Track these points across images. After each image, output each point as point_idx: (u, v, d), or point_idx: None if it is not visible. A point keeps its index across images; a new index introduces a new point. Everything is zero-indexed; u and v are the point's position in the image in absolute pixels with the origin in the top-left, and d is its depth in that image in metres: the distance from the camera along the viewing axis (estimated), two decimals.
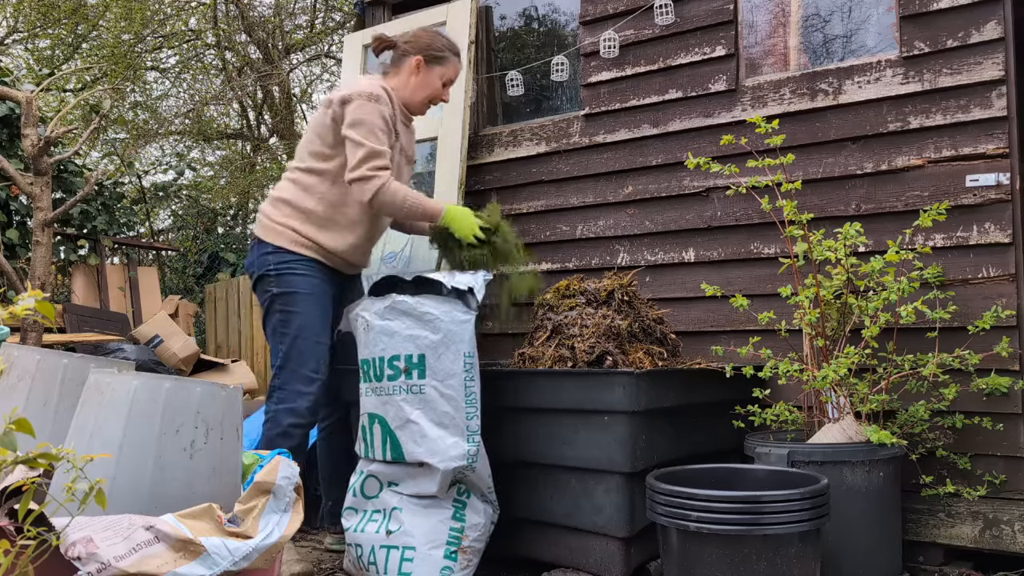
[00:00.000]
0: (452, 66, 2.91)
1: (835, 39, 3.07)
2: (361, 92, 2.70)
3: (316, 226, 2.80)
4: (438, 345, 2.40)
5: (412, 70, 2.86)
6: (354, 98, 2.69)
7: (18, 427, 1.42)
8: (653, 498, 2.07)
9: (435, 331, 2.41)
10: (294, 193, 2.82)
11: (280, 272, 2.78)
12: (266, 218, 2.85)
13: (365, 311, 2.53)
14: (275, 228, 2.81)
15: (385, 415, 2.47)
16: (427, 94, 2.89)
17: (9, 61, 11.01)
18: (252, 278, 2.89)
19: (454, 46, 2.94)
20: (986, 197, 2.65)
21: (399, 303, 2.46)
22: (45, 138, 4.03)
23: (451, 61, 2.90)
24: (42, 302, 1.58)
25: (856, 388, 2.47)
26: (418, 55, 2.86)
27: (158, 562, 1.55)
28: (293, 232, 2.79)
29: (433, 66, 2.87)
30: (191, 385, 1.83)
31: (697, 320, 3.19)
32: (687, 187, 3.24)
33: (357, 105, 2.68)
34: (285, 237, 2.80)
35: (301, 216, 2.80)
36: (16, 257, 5.90)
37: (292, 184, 2.85)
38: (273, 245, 2.80)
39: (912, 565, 2.63)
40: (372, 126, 2.67)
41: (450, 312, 2.41)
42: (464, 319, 2.42)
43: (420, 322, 2.43)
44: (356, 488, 2.60)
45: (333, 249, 2.82)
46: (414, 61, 2.85)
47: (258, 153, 12.09)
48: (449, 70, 2.91)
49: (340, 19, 10.93)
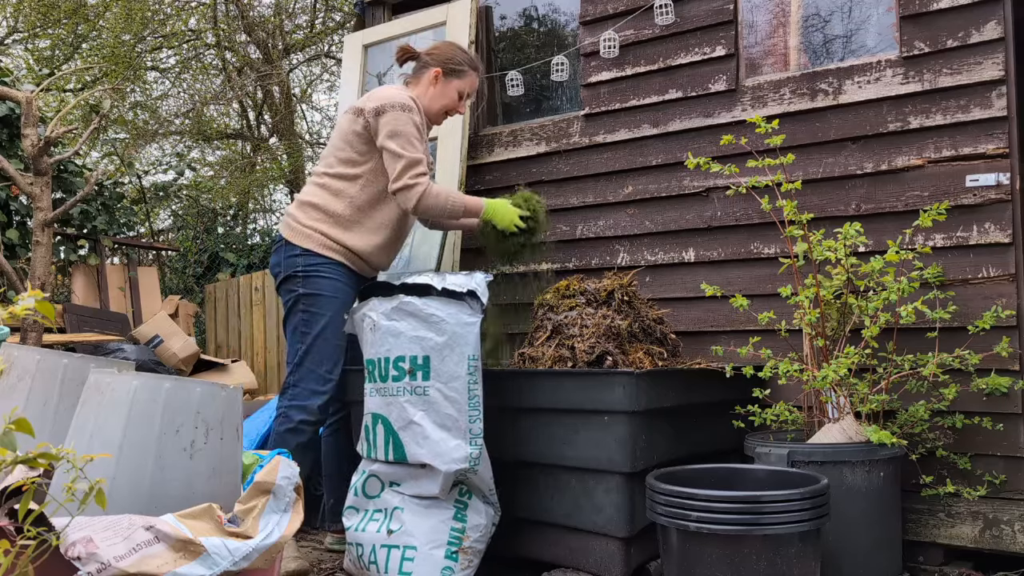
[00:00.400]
0: (470, 80, 3.02)
1: (835, 39, 3.07)
2: (395, 103, 2.81)
3: (343, 229, 2.89)
4: (443, 347, 2.40)
5: (431, 81, 2.98)
6: (388, 109, 2.80)
7: (18, 427, 1.42)
8: (653, 498, 2.07)
9: (440, 333, 2.41)
10: (323, 197, 2.91)
11: (308, 274, 2.87)
12: (294, 221, 2.93)
13: (372, 311, 2.53)
14: (303, 231, 2.89)
15: (388, 416, 2.47)
16: (443, 105, 3.00)
17: (9, 61, 11.01)
18: (277, 279, 2.96)
19: (473, 61, 3.05)
20: (986, 197, 2.65)
21: (406, 304, 2.46)
22: (45, 138, 4.03)
23: (469, 75, 3.01)
24: (42, 302, 1.58)
25: (856, 388, 2.47)
26: (437, 67, 2.97)
27: (158, 562, 1.55)
28: (321, 235, 2.88)
29: (451, 79, 2.98)
30: (191, 385, 1.83)
31: (697, 320, 3.19)
32: (687, 187, 3.24)
33: (393, 116, 2.79)
34: (313, 240, 2.88)
35: (330, 220, 2.89)
36: (16, 257, 5.89)
37: (320, 188, 2.93)
38: (301, 248, 2.88)
39: (912, 565, 2.63)
40: (409, 135, 2.79)
41: (456, 314, 2.41)
42: (469, 321, 2.42)
43: (426, 323, 2.42)
44: (358, 487, 2.60)
45: (359, 251, 2.90)
46: (433, 73, 2.97)
47: (258, 153, 12.09)
48: (466, 83, 3.01)
49: (340, 19, 10.93)
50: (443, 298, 2.43)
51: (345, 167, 2.90)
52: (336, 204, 2.89)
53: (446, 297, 2.44)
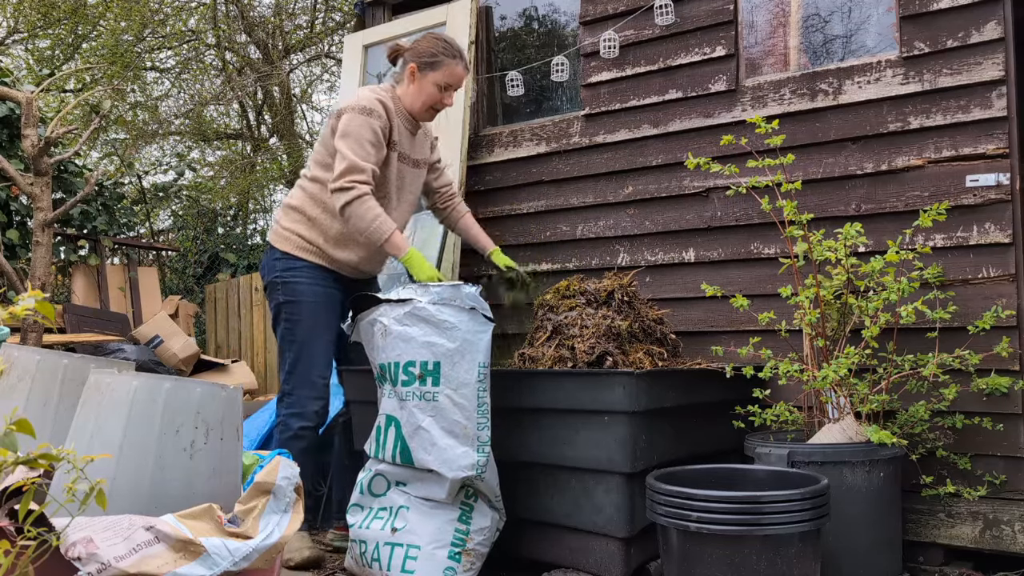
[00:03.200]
0: (447, 70, 2.85)
1: (835, 39, 3.07)
2: (355, 105, 2.76)
3: (320, 233, 2.87)
4: (454, 353, 2.39)
5: (409, 77, 2.88)
6: (347, 111, 2.75)
7: (18, 427, 1.42)
8: (653, 498, 2.07)
9: (452, 339, 2.40)
10: (302, 200, 2.90)
11: (285, 280, 2.87)
12: (277, 224, 2.95)
13: (383, 316, 2.51)
14: (283, 234, 2.90)
15: (401, 420, 2.47)
16: (424, 101, 2.87)
17: (9, 61, 11.01)
18: (263, 281, 2.98)
19: (450, 49, 2.88)
20: (986, 197, 2.65)
21: (419, 309, 2.44)
22: (45, 138, 4.03)
23: (445, 65, 2.85)
24: (42, 302, 1.58)
25: (856, 388, 2.47)
26: (412, 62, 2.87)
27: (158, 562, 1.55)
28: (299, 238, 2.87)
29: (426, 72, 2.85)
30: (191, 385, 1.83)
31: (697, 320, 3.19)
32: (687, 187, 3.24)
33: (348, 118, 2.74)
34: (291, 243, 2.88)
35: (307, 223, 2.88)
36: (16, 257, 5.89)
37: (301, 191, 2.93)
38: (280, 251, 2.89)
39: (912, 565, 2.63)
40: (359, 139, 2.71)
41: (468, 321, 2.40)
42: (481, 329, 2.41)
43: (438, 329, 2.41)
44: (364, 485, 2.60)
45: (337, 256, 2.88)
46: (409, 68, 2.88)
47: (258, 153, 12.09)
48: (443, 74, 2.85)
49: (340, 19, 10.92)
50: (456, 305, 2.43)
51: (320, 170, 2.86)
52: (314, 208, 2.87)
53: (459, 305, 2.43)
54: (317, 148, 2.90)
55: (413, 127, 2.94)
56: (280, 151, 11.81)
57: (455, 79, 2.89)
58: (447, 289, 2.44)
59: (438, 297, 2.42)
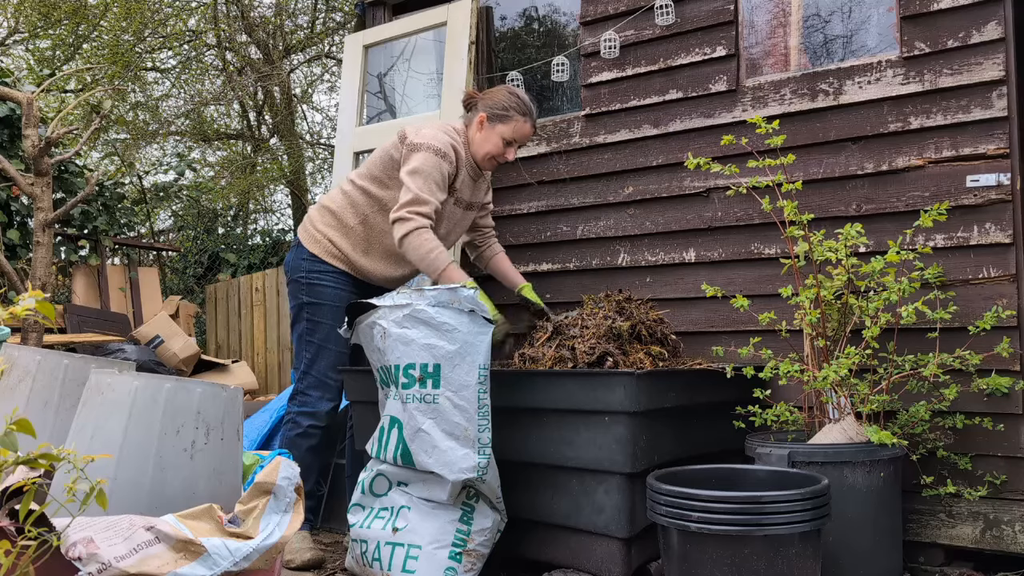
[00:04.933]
0: (515, 125, 2.91)
1: (835, 39, 3.07)
2: (431, 145, 2.78)
3: (352, 243, 2.91)
4: (454, 355, 2.39)
5: (477, 126, 2.92)
6: (422, 148, 2.78)
7: (19, 428, 1.42)
8: (654, 498, 2.07)
9: (452, 341, 2.39)
10: (342, 206, 2.93)
11: (311, 282, 2.91)
12: (310, 223, 2.97)
13: (382, 319, 2.51)
14: (315, 235, 2.93)
15: (404, 422, 2.47)
16: (488, 151, 2.91)
17: (10, 62, 11.02)
18: (287, 276, 3.01)
19: (522, 106, 2.92)
20: (987, 197, 2.65)
21: (418, 312, 2.43)
22: (46, 139, 4.03)
23: (514, 120, 2.90)
24: (42, 302, 1.58)
25: (857, 388, 2.47)
26: (483, 112, 2.91)
27: (159, 562, 1.55)
28: (329, 243, 2.91)
29: (495, 124, 2.90)
30: (192, 386, 1.83)
31: (698, 321, 3.19)
32: (688, 188, 3.24)
33: (423, 156, 2.77)
34: (321, 246, 2.92)
35: (342, 229, 2.91)
36: (17, 258, 5.89)
37: (343, 196, 2.95)
38: (309, 252, 2.93)
39: (913, 565, 2.63)
40: (428, 178, 2.75)
41: (468, 323, 2.40)
42: (481, 331, 2.41)
43: (438, 332, 2.41)
44: (365, 485, 2.60)
45: (364, 267, 2.93)
46: (479, 117, 2.91)
47: (259, 154, 12.08)
48: (510, 129, 2.90)
49: (341, 19, 10.92)
50: (456, 308, 2.43)
51: (373, 184, 2.90)
52: (352, 217, 2.90)
53: (458, 308, 2.43)
54: (375, 161, 2.91)
55: (476, 174, 2.98)
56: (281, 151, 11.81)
57: (521, 136, 2.94)
58: (445, 292, 2.44)
59: (437, 300, 2.42)
